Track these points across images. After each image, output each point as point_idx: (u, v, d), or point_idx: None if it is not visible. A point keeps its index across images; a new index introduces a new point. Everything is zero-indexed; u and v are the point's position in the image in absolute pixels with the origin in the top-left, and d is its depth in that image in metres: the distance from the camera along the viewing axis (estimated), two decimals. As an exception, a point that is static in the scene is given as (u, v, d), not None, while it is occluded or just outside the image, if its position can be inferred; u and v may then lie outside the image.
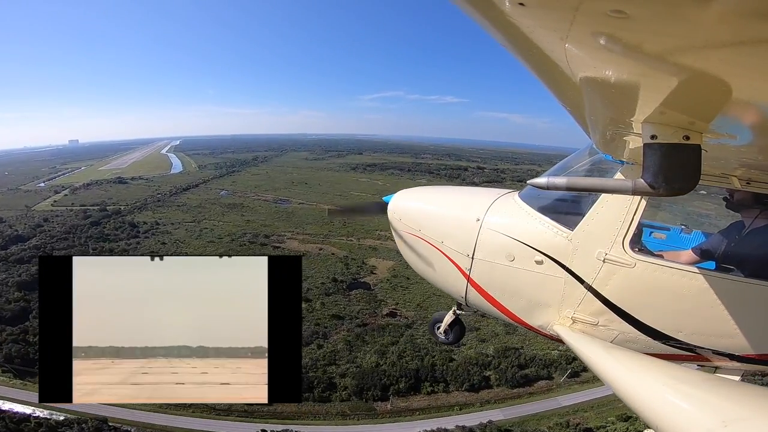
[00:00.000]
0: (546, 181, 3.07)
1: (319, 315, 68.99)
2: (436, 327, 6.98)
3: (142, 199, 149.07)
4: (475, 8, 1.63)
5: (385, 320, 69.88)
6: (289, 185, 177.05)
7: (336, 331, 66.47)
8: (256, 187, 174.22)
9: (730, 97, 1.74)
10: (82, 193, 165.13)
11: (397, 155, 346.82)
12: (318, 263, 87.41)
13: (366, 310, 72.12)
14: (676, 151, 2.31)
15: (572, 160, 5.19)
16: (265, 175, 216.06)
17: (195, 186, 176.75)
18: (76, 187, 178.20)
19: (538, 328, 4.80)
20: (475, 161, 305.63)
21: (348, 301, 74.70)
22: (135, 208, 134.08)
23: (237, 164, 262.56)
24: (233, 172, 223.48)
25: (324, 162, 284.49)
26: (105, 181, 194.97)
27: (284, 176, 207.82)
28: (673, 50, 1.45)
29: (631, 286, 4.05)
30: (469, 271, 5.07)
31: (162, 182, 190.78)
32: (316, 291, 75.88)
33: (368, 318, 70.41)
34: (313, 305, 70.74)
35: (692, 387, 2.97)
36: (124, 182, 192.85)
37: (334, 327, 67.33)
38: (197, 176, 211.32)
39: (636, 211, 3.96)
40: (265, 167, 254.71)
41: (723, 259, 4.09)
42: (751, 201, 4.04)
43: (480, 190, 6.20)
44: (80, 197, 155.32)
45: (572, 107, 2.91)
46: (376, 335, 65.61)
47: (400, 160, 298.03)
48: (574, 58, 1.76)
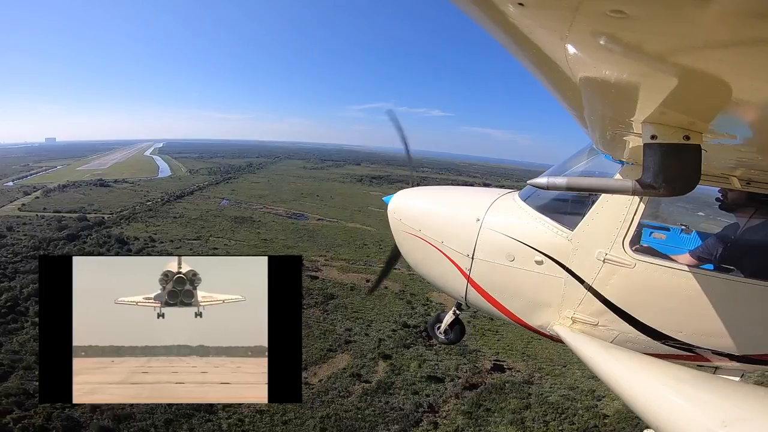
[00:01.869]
0: (546, 181, 3.09)
1: (412, 378, 50.24)
2: (437, 327, 6.95)
3: (129, 207, 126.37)
4: (475, 8, 1.62)
5: (495, 377, 51.88)
6: (297, 196, 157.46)
7: (442, 399, 47.92)
8: (261, 197, 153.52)
9: (730, 97, 1.74)
10: (56, 196, 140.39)
11: (395, 167, 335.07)
12: (375, 302, 68.67)
13: (464, 365, 54.01)
14: (676, 151, 2.32)
15: (572, 160, 5.12)
16: (266, 183, 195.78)
17: (190, 193, 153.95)
18: (50, 188, 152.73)
19: (538, 328, 4.82)
20: (475, 176, 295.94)
21: (436, 355, 55.99)
22: (122, 217, 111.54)
23: (231, 170, 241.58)
24: (229, 179, 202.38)
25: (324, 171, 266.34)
26: (84, 183, 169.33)
27: (288, 186, 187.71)
28: (673, 50, 1.46)
29: (631, 287, 4.07)
30: (469, 271, 5.10)
31: (150, 187, 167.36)
32: (393, 342, 57.16)
33: (473, 377, 52.10)
34: (400, 363, 52.18)
35: (692, 387, 3.02)
36: (106, 185, 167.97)
37: (438, 394, 48.74)
38: (189, 182, 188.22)
39: (636, 211, 3.98)
40: (263, 175, 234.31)
41: (720, 260, 4.11)
42: (746, 201, 4.08)
43: (480, 190, 6.33)
44: (54, 201, 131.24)
45: (572, 107, 2.90)
46: (497, 399, 47.58)
47: (402, 172, 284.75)
48: (574, 58, 1.75)
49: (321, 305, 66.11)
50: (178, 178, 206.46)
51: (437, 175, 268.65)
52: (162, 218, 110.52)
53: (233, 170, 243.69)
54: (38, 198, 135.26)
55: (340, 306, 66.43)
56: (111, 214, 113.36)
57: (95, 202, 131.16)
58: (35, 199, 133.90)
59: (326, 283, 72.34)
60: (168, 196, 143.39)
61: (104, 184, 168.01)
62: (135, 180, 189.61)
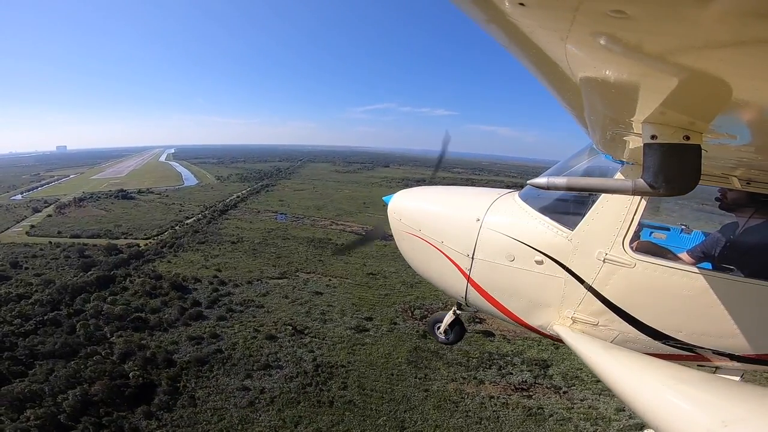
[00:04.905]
0: (546, 181, 3.05)
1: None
2: (436, 327, 6.96)
3: (164, 225, 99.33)
4: (475, 8, 1.61)
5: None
6: (359, 207, 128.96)
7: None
8: (318, 209, 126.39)
9: (730, 97, 1.73)
10: (72, 213, 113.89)
11: (426, 168, 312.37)
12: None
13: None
14: (676, 151, 2.30)
15: (572, 160, 5.08)
16: (311, 190, 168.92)
17: (233, 206, 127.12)
18: (64, 203, 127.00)
19: (538, 328, 4.81)
20: (512, 176, 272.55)
21: None
22: (163, 243, 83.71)
23: (263, 176, 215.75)
24: (267, 187, 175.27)
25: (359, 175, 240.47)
26: (102, 195, 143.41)
27: (338, 193, 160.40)
28: (673, 50, 1.46)
29: (631, 286, 4.06)
30: (469, 271, 5.09)
31: (180, 198, 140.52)
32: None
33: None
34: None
35: (692, 387, 3.01)
36: (129, 197, 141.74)
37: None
38: (223, 191, 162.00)
39: (636, 211, 3.97)
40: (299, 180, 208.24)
41: (719, 259, 4.12)
42: (745, 201, 4.08)
43: (480, 190, 6.21)
44: (70, 220, 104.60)
45: (572, 107, 2.88)
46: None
47: (442, 174, 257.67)
48: (574, 58, 1.75)
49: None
50: (210, 186, 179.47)
51: (475, 177, 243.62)
52: (215, 243, 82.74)
53: (264, 176, 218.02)
54: (50, 216, 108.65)
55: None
56: (146, 239, 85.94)
57: (121, 220, 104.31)
58: (47, 217, 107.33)
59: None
60: (210, 212, 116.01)
61: (127, 196, 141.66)
62: (160, 190, 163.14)
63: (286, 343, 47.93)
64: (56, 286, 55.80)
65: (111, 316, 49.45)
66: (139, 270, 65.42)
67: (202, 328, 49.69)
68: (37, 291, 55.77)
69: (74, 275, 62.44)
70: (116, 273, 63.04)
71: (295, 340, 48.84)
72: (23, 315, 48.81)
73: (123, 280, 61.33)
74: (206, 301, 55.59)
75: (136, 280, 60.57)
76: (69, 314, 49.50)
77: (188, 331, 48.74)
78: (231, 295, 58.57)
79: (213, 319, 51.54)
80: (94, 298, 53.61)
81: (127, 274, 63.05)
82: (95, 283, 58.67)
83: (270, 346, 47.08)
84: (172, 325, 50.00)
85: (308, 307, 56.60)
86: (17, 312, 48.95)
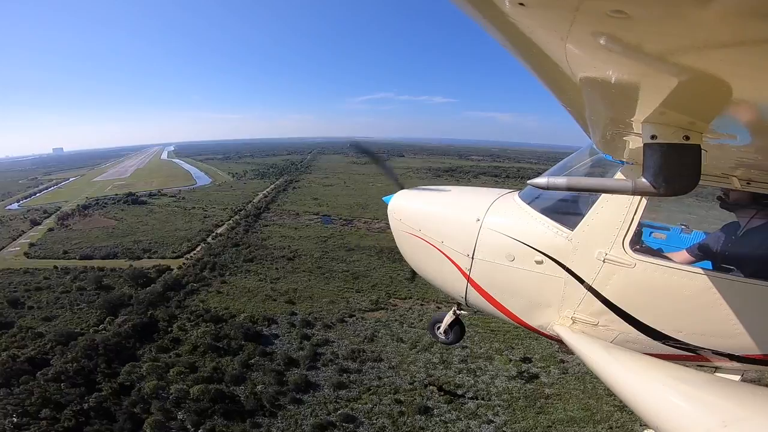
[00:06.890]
0: (546, 181, 3.03)
1: None
2: (436, 327, 6.90)
3: (193, 237, 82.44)
4: (474, 8, 1.61)
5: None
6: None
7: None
8: (361, 207, 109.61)
9: (730, 97, 1.73)
10: (77, 225, 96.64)
11: (445, 158, 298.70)
12: None
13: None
14: (676, 151, 2.29)
15: (572, 160, 5.12)
16: (341, 185, 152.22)
17: (265, 209, 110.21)
18: (67, 212, 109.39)
19: (538, 328, 4.77)
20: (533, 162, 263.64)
21: None
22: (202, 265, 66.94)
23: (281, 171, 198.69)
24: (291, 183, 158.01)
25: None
26: (109, 200, 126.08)
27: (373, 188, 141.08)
28: (673, 50, 1.46)
29: (631, 287, 4.03)
30: (469, 271, 5.07)
31: (198, 201, 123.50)
32: None
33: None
34: None
35: (692, 387, 2.99)
36: (139, 201, 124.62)
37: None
38: (244, 190, 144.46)
39: (636, 211, 3.95)
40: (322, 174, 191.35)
41: (720, 260, 4.09)
42: (747, 201, 4.03)
43: (480, 190, 6.18)
44: (77, 234, 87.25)
45: (572, 107, 2.87)
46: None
47: (463, 164, 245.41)
48: (574, 58, 1.75)
49: None
50: (228, 185, 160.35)
51: (495, 164, 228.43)
52: (267, 261, 65.37)
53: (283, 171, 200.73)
54: (52, 230, 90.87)
55: None
56: (177, 258, 68.92)
57: (137, 232, 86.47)
58: (48, 231, 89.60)
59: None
60: (242, 217, 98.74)
61: (138, 201, 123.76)
62: (172, 191, 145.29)
63: (446, 414, 32.44)
64: (81, 344, 38.47)
65: (181, 398, 32.71)
66: (184, 308, 48.45)
67: (322, 405, 33.62)
68: (52, 349, 38.65)
69: (98, 319, 45.40)
70: (155, 315, 46.00)
71: (454, 407, 33.33)
72: (51, 402, 31.34)
73: (168, 325, 44.36)
74: (301, 358, 39.16)
75: (187, 325, 43.69)
76: (114, 392, 32.62)
77: (306, 414, 32.36)
78: (330, 343, 42.08)
79: (328, 389, 35.57)
80: (143, 360, 36.71)
81: (171, 316, 46.01)
82: (132, 335, 41.61)
83: (430, 424, 31.31)
84: (276, 404, 33.47)
85: (439, 355, 40.37)
86: (38, 397, 31.38)
